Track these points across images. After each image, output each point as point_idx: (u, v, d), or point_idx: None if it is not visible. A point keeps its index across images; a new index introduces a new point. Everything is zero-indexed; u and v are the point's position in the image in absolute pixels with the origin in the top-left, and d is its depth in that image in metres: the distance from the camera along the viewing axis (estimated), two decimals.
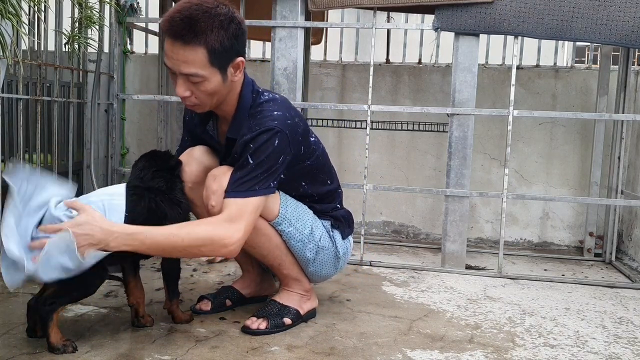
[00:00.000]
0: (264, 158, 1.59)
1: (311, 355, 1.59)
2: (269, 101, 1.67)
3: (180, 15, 1.48)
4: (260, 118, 1.62)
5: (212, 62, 1.52)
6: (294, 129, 1.65)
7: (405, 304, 2.11)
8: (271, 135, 1.59)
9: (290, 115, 1.67)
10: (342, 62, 3.46)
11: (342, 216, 1.91)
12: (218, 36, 1.50)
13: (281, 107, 1.67)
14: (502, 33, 2.55)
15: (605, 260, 3.01)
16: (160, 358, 1.51)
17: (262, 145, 1.59)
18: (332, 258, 1.85)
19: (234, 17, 1.54)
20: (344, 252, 1.89)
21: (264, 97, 1.69)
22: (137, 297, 1.71)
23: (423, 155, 3.39)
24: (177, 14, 1.49)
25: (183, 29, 1.48)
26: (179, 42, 1.49)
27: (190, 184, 1.77)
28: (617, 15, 2.40)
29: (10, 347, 1.53)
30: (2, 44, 1.93)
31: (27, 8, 2.58)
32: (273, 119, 1.62)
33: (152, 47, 3.55)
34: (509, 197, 2.59)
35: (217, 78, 1.56)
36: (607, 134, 3.10)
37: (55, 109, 2.73)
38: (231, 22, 1.53)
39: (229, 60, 1.56)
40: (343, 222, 1.90)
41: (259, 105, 1.66)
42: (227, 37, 1.52)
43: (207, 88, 1.56)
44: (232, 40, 1.54)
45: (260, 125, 1.60)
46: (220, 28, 1.50)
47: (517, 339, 1.79)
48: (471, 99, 2.56)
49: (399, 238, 3.42)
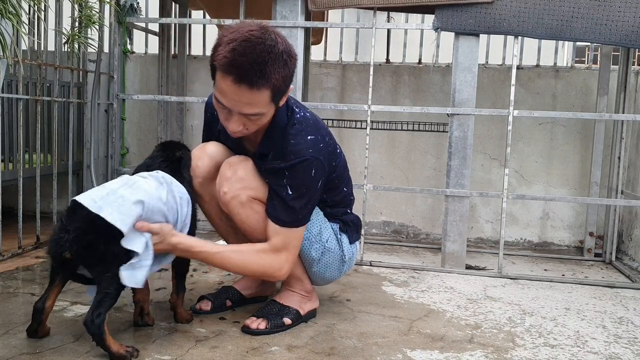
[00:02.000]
0: (304, 190, 1.62)
1: (311, 355, 1.59)
2: (301, 122, 1.66)
3: (248, 60, 1.43)
4: (295, 145, 1.61)
5: (273, 99, 1.53)
6: (326, 152, 1.67)
7: (405, 304, 2.11)
8: (306, 165, 1.61)
9: (321, 136, 1.67)
10: (342, 62, 3.46)
11: (352, 221, 1.91)
12: (282, 76, 1.50)
13: (314, 129, 1.67)
14: (502, 33, 2.55)
15: (605, 260, 3.01)
16: (160, 358, 1.51)
17: (300, 176, 1.61)
18: (337, 261, 1.85)
19: (291, 51, 1.52)
20: (349, 256, 1.89)
21: (297, 116, 1.67)
22: (144, 294, 1.71)
23: (423, 155, 3.39)
24: (243, 58, 1.43)
25: (253, 74, 1.44)
26: (245, 85, 1.46)
27: (201, 179, 1.79)
28: (617, 15, 2.40)
29: (10, 347, 1.53)
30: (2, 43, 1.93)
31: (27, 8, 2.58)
32: (308, 146, 1.62)
33: (152, 47, 3.55)
34: (509, 197, 2.59)
35: (272, 111, 1.58)
36: (607, 134, 3.10)
37: (55, 109, 2.73)
38: (290, 58, 1.52)
39: (285, 92, 1.57)
40: (351, 227, 1.89)
41: (293, 126, 1.65)
42: (289, 74, 1.53)
43: (262, 122, 1.59)
44: (292, 74, 1.54)
45: (296, 154, 1.60)
46: (284, 67, 1.49)
47: (517, 339, 1.79)
48: (471, 99, 2.56)
49: (399, 238, 3.42)
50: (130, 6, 2.83)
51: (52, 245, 1.48)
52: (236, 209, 1.69)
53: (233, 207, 1.69)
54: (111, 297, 1.46)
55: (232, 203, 1.68)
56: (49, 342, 1.57)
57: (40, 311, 1.54)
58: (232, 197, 1.67)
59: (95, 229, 1.44)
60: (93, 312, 1.43)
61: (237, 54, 1.44)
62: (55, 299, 1.57)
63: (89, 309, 1.44)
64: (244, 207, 1.68)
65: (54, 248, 1.47)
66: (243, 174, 1.68)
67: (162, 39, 3.34)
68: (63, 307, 1.85)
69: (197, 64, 3.48)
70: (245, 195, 1.67)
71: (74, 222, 1.46)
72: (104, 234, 1.44)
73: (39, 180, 2.65)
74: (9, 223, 2.57)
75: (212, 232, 3.18)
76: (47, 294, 1.55)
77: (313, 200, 1.68)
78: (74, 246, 1.44)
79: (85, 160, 3.10)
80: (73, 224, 1.45)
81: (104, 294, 1.45)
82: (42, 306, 1.54)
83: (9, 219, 2.60)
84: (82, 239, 1.44)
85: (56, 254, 1.48)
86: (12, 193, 2.62)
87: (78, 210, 1.47)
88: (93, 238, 1.44)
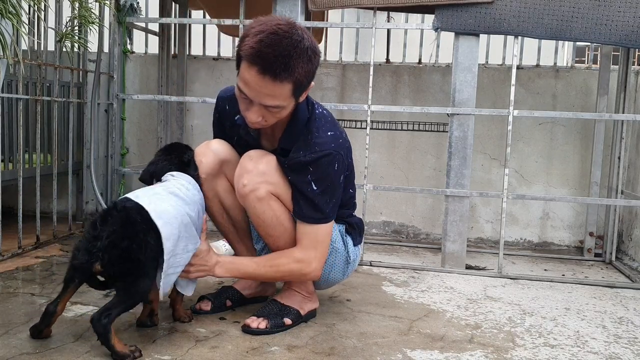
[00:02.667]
0: (328, 184, 1.65)
1: (311, 355, 1.58)
2: (321, 118, 1.69)
3: (274, 51, 1.45)
4: (319, 137, 1.64)
5: (294, 94, 1.54)
6: (345, 149, 1.70)
7: (405, 304, 2.11)
8: (330, 159, 1.63)
9: (339, 132, 1.70)
10: (342, 62, 3.46)
11: (356, 223, 1.91)
12: (306, 71, 1.51)
13: (332, 125, 1.70)
14: (502, 33, 2.55)
15: (605, 260, 3.01)
16: (160, 358, 1.51)
17: (324, 171, 1.63)
18: (342, 262, 1.85)
19: (316, 48, 1.54)
20: (353, 258, 1.89)
21: (317, 111, 1.70)
22: (153, 295, 1.68)
23: (423, 155, 3.39)
24: (269, 49, 1.45)
25: (277, 66, 1.46)
26: (269, 76, 1.47)
27: (204, 175, 1.80)
28: (617, 15, 2.40)
29: (10, 347, 1.53)
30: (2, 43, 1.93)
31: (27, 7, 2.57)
32: (330, 141, 1.64)
33: (152, 47, 3.55)
34: (509, 197, 2.59)
35: (292, 104, 1.59)
36: (607, 134, 3.10)
37: (55, 109, 2.73)
38: (315, 54, 1.54)
39: (307, 88, 1.59)
40: (355, 230, 1.90)
41: (315, 120, 1.68)
42: (312, 70, 1.54)
43: (281, 115, 1.60)
44: (315, 70, 1.56)
45: (319, 147, 1.63)
46: (308, 62, 1.51)
47: (517, 339, 1.79)
48: (471, 99, 2.56)
49: (399, 238, 3.42)
50: (130, 6, 2.83)
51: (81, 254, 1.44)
52: (253, 202, 1.69)
53: (250, 201, 1.69)
54: (127, 306, 1.47)
55: (250, 196, 1.68)
56: (49, 342, 1.57)
57: (51, 314, 1.53)
58: (250, 191, 1.67)
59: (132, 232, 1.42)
60: (103, 312, 1.42)
61: (264, 45, 1.46)
62: (67, 303, 1.56)
63: (99, 309, 1.43)
64: (262, 201, 1.68)
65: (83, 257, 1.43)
66: (264, 168, 1.68)
67: (162, 39, 3.34)
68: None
69: (197, 64, 3.48)
70: (265, 190, 1.67)
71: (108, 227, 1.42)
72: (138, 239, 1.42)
73: (39, 180, 2.65)
74: (9, 223, 2.57)
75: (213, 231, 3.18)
76: (60, 297, 1.53)
77: (337, 195, 1.70)
78: (105, 256, 1.41)
79: (85, 160, 3.10)
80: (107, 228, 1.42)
81: (121, 301, 1.44)
82: (55, 309, 1.53)
83: (9, 219, 2.59)
84: (116, 246, 1.41)
85: (86, 264, 1.43)
86: (12, 193, 2.62)
87: (114, 213, 1.45)
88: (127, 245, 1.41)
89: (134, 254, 1.43)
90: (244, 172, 1.69)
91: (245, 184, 1.68)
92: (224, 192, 1.87)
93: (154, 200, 1.50)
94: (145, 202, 1.48)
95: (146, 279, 1.47)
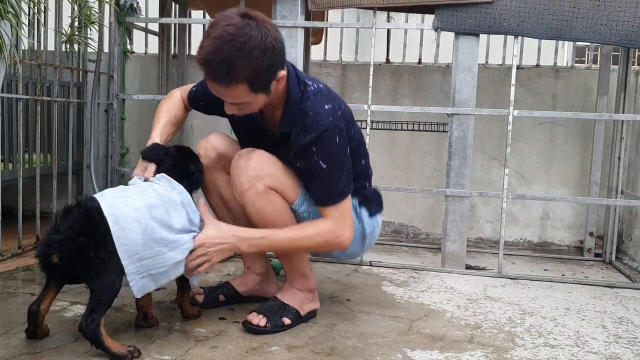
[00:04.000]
0: (335, 159, 1.64)
1: (311, 355, 1.58)
2: (316, 93, 1.67)
3: (216, 58, 1.46)
4: (314, 116, 1.62)
5: (254, 90, 1.54)
6: (345, 119, 1.69)
7: (405, 304, 2.10)
8: (331, 134, 1.62)
9: (338, 104, 1.68)
10: (342, 62, 3.46)
11: (370, 194, 1.90)
12: (254, 70, 1.49)
13: (329, 98, 1.68)
14: (502, 33, 2.55)
15: (605, 260, 3.01)
16: (160, 358, 1.51)
17: (327, 146, 1.62)
18: (358, 236, 1.84)
19: (266, 45, 1.49)
20: (370, 230, 1.89)
21: (310, 89, 1.68)
22: (146, 300, 1.70)
23: (423, 155, 3.39)
24: (211, 56, 1.46)
25: (221, 73, 1.47)
26: (217, 82, 1.50)
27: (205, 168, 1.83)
28: (617, 15, 2.40)
29: (10, 347, 1.53)
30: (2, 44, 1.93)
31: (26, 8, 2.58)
32: (327, 115, 1.63)
33: (152, 47, 3.55)
34: (509, 197, 2.59)
35: (262, 97, 1.59)
36: (607, 134, 3.10)
37: (55, 109, 2.73)
38: (266, 52, 1.49)
39: (271, 81, 1.57)
40: (371, 200, 1.89)
41: (308, 99, 1.65)
42: (265, 67, 1.51)
43: (254, 107, 1.61)
44: (270, 66, 1.53)
45: (316, 125, 1.61)
46: (255, 62, 1.48)
47: (517, 339, 1.79)
48: (471, 99, 2.56)
49: (399, 238, 3.42)
50: (130, 6, 2.83)
51: (41, 247, 1.44)
52: (252, 199, 1.69)
53: (249, 198, 1.70)
54: (105, 303, 1.45)
55: (248, 194, 1.69)
56: (48, 342, 1.57)
57: (35, 314, 1.53)
58: (248, 188, 1.68)
59: (90, 230, 1.41)
60: (87, 318, 1.42)
61: (207, 52, 1.48)
62: (52, 302, 1.55)
63: (83, 315, 1.43)
64: (260, 197, 1.68)
65: (42, 250, 1.43)
66: (255, 164, 1.69)
67: (162, 39, 3.34)
68: (63, 307, 1.85)
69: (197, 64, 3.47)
70: (262, 185, 1.68)
71: (67, 222, 1.42)
72: (97, 237, 1.42)
73: (39, 180, 2.65)
74: (9, 223, 2.57)
75: None
76: (42, 297, 1.53)
77: (347, 168, 1.69)
78: (62, 249, 1.40)
79: (85, 160, 3.10)
80: (66, 223, 1.42)
81: (97, 300, 1.43)
82: (37, 309, 1.52)
83: (9, 219, 2.59)
84: (72, 241, 1.40)
85: (44, 257, 1.43)
86: (12, 193, 2.62)
87: (75, 209, 1.45)
88: (84, 242, 1.41)
89: (93, 251, 1.41)
90: (239, 172, 1.70)
91: (242, 181, 1.69)
92: (224, 185, 1.89)
93: (117, 203, 1.48)
94: (107, 204, 1.46)
95: (110, 275, 1.44)
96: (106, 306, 1.45)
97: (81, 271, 1.44)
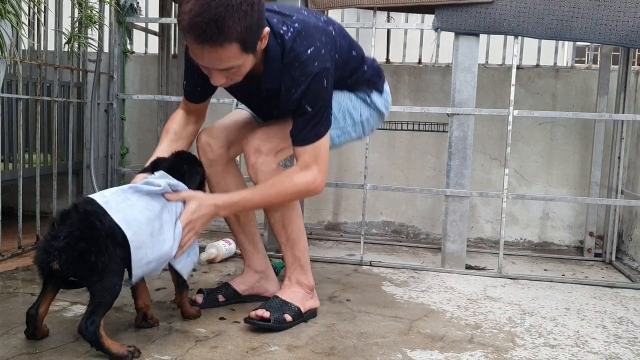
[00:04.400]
0: (321, 103, 1.66)
1: (311, 355, 1.58)
2: (294, 40, 1.62)
3: (204, 19, 1.39)
4: (300, 67, 1.61)
5: (245, 50, 1.50)
6: (329, 50, 1.66)
7: (405, 304, 2.11)
8: (319, 78, 1.62)
9: (319, 42, 1.63)
10: None
11: (372, 75, 1.93)
12: (245, 26, 1.45)
13: (310, 38, 1.63)
14: (502, 33, 2.55)
15: (605, 260, 3.01)
16: (160, 358, 1.51)
17: (315, 91, 1.64)
18: (376, 118, 1.97)
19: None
20: (383, 104, 1.96)
21: (288, 36, 1.62)
22: (145, 300, 1.70)
23: (423, 155, 3.39)
24: (198, 18, 1.40)
25: (212, 34, 1.41)
26: (207, 44, 1.43)
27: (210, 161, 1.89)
28: (617, 15, 2.40)
29: (10, 347, 1.53)
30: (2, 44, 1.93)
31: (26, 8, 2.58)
32: (312, 61, 1.61)
33: (152, 47, 3.55)
34: (509, 197, 2.59)
35: (250, 58, 1.55)
36: (607, 134, 3.10)
37: (55, 109, 2.73)
38: (253, 6, 1.45)
39: (258, 39, 1.54)
40: (374, 79, 1.93)
41: (291, 50, 1.62)
42: (254, 22, 1.47)
43: (243, 72, 1.58)
44: (259, 20, 1.50)
45: (305, 75, 1.61)
46: (245, 17, 1.43)
47: (517, 339, 1.79)
48: (471, 99, 2.56)
49: (399, 238, 3.42)
50: (130, 6, 2.83)
51: (40, 254, 1.42)
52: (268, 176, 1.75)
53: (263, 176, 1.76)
54: (105, 306, 1.45)
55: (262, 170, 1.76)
56: (49, 342, 1.58)
57: (33, 317, 1.53)
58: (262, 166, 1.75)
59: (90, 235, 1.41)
60: (87, 320, 1.41)
61: (194, 14, 1.40)
62: (50, 305, 1.55)
63: (83, 316, 1.43)
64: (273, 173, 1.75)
65: (41, 257, 1.42)
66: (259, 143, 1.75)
67: (162, 39, 3.34)
68: (63, 307, 1.85)
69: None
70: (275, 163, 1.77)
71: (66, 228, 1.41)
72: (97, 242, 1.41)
73: (39, 180, 2.65)
74: (9, 223, 2.57)
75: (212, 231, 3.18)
76: (40, 300, 1.53)
77: (329, 106, 1.70)
78: (63, 256, 1.39)
79: (85, 160, 3.10)
80: (65, 229, 1.41)
81: (97, 303, 1.43)
82: (35, 313, 1.53)
83: (9, 219, 2.59)
84: (73, 247, 1.39)
85: (43, 264, 1.42)
86: (12, 193, 2.62)
87: (73, 214, 1.44)
88: (85, 247, 1.40)
89: (94, 256, 1.40)
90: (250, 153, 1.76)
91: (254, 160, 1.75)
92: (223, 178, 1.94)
93: (123, 208, 1.48)
94: (114, 210, 1.46)
95: (112, 278, 1.44)
96: (106, 308, 1.45)
97: (83, 276, 1.44)
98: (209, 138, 1.90)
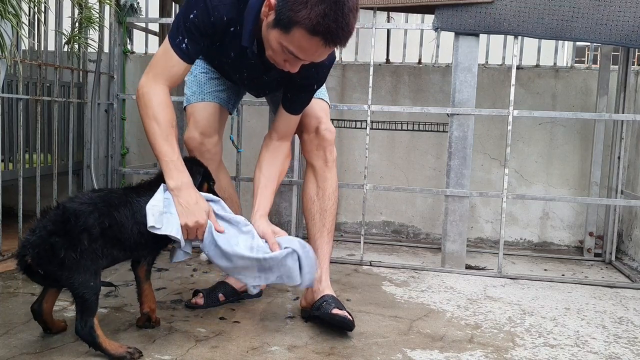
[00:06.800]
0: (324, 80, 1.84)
1: (311, 355, 1.59)
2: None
3: (339, 25, 1.42)
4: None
5: None
6: None
7: (405, 303, 2.11)
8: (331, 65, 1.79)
9: None
10: (342, 62, 3.46)
11: None
12: None
13: None
14: (502, 33, 2.55)
15: (605, 260, 3.01)
16: (160, 358, 1.51)
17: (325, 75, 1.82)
18: None
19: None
20: None
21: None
22: (151, 304, 1.70)
23: (423, 155, 3.39)
24: (334, 24, 1.41)
25: (343, 37, 1.48)
26: (333, 46, 1.49)
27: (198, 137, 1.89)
28: (617, 15, 2.40)
29: (10, 347, 1.53)
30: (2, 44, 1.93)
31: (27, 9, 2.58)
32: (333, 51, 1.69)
33: (152, 47, 3.55)
34: (509, 197, 2.59)
35: None
36: (607, 134, 3.10)
37: (55, 109, 2.73)
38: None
39: None
40: None
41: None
42: None
43: None
44: None
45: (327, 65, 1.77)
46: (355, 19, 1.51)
47: (517, 338, 1.79)
48: (471, 99, 2.56)
49: (399, 238, 3.42)
50: (130, 6, 2.83)
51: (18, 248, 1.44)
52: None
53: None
54: (90, 302, 1.44)
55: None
56: (49, 341, 1.58)
57: (38, 312, 1.54)
58: (330, 129, 1.91)
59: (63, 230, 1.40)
60: (80, 321, 1.42)
61: (330, 19, 1.40)
62: (55, 300, 1.56)
63: (75, 319, 1.43)
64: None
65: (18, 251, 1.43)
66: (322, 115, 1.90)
67: (162, 39, 3.34)
68: (63, 307, 1.85)
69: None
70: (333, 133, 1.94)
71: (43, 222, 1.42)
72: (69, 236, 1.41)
73: (39, 180, 2.65)
74: (9, 223, 2.57)
75: None
76: (42, 296, 1.54)
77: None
78: (35, 249, 1.39)
79: (85, 160, 3.10)
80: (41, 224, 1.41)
81: (80, 301, 1.43)
82: (39, 308, 1.53)
83: (9, 219, 2.60)
84: (44, 241, 1.39)
85: (19, 257, 1.42)
86: (12, 193, 2.62)
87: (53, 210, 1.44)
88: (56, 241, 1.39)
89: (65, 250, 1.39)
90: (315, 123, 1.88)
91: (324, 127, 1.88)
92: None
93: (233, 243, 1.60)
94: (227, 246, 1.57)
95: (82, 274, 1.42)
96: (92, 306, 1.44)
97: (53, 271, 1.42)
98: (203, 137, 1.89)
